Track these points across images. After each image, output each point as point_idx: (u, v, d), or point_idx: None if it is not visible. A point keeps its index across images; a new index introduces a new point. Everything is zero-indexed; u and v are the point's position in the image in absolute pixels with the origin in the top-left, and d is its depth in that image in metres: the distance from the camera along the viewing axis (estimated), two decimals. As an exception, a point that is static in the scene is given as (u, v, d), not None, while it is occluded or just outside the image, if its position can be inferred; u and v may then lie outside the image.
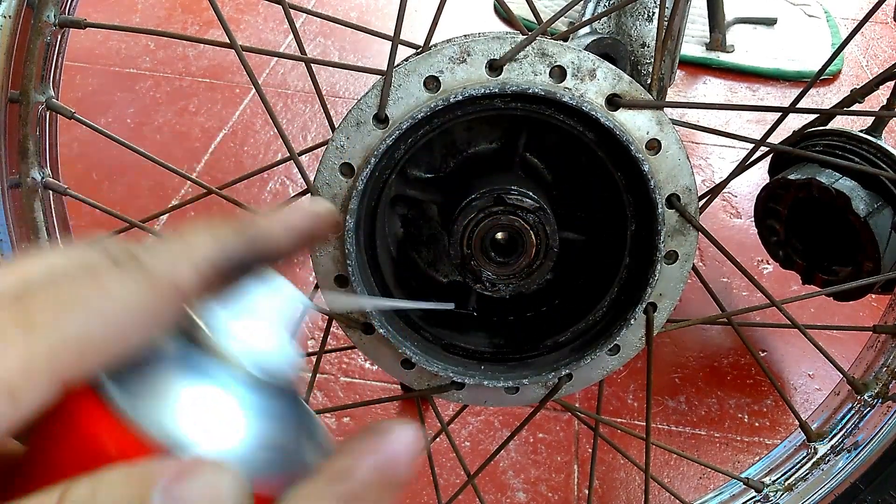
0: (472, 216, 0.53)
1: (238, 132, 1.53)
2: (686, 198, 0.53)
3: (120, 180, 1.39)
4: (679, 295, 0.56)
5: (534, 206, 0.52)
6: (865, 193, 0.94)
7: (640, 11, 0.65)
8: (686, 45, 1.85)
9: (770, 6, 2.07)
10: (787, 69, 1.83)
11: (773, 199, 1.05)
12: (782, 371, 1.15)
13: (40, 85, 0.57)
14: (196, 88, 1.65)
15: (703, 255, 1.31)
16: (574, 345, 0.59)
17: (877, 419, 0.64)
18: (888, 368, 0.64)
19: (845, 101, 0.57)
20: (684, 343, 1.17)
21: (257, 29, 1.88)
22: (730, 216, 1.42)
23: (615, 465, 1.00)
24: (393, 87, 0.50)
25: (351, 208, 0.52)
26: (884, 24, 2.06)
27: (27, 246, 0.60)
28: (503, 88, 0.49)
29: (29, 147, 0.58)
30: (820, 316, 1.21)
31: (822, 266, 1.04)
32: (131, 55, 1.73)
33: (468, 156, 0.59)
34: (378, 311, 0.55)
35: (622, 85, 0.51)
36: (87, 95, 1.60)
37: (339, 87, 1.69)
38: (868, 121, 1.03)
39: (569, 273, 0.61)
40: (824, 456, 0.67)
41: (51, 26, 0.56)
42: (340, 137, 0.52)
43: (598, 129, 0.52)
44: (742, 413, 1.08)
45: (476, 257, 0.54)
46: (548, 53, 0.50)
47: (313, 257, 0.55)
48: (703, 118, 1.66)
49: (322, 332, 1.12)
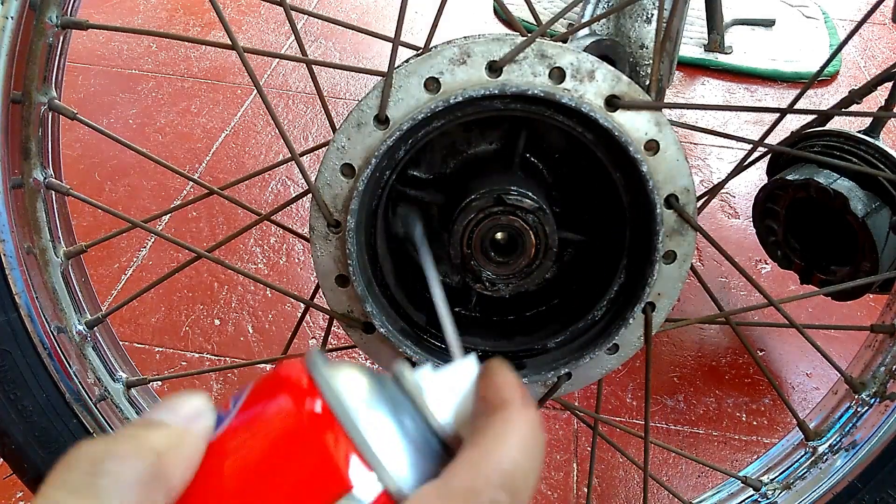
0: (472, 216, 0.53)
1: (239, 133, 1.53)
2: (684, 198, 0.53)
3: (122, 181, 1.39)
4: (677, 294, 0.57)
5: (533, 206, 0.53)
6: (863, 194, 0.94)
7: (639, 13, 0.65)
8: (684, 47, 1.85)
9: (768, 8, 2.07)
10: (785, 70, 1.84)
11: (772, 200, 1.05)
12: (780, 370, 1.15)
13: (42, 86, 0.58)
14: (198, 89, 1.65)
15: (702, 255, 1.31)
16: (573, 344, 0.59)
17: (875, 418, 0.64)
18: (886, 367, 0.65)
19: (843, 101, 0.57)
20: (683, 342, 1.17)
21: (259, 30, 1.88)
22: (728, 216, 1.42)
23: (614, 464, 1.01)
24: (393, 88, 0.51)
25: (352, 208, 0.52)
26: (882, 25, 2.07)
27: (29, 246, 0.60)
28: (503, 90, 0.50)
29: (31, 147, 0.59)
30: (818, 315, 1.22)
31: (820, 266, 1.04)
32: (133, 56, 1.74)
33: (468, 156, 0.59)
34: (378, 311, 0.55)
35: (621, 86, 0.51)
36: (89, 96, 1.61)
37: (340, 88, 1.69)
38: (866, 121, 1.03)
39: (568, 273, 0.62)
40: (822, 455, 0.67)
41: (53, 27, 0.56)
42: (341, 138, 0.52)
43: (597, 129, 0.52)
44: (740, 412, 1.08)
45: (476, 257, 0.54)
46: (547, 55, 0.50)
47: (314, 257, 0.55)
48: (701, 119, 1.67)
49: (323, 331, 1.13)
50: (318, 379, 0.29)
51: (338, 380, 0.29)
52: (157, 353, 1.11)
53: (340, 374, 0.29)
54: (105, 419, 0.66)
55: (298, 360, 0.30)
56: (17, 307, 0.59)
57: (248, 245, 1.28)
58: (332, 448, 0.27)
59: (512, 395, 0.30)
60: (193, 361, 1.09)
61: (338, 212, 0.54)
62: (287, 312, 1.18)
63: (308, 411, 0.28)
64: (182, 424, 0.28)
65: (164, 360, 1.10)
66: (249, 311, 1.17)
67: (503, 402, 0.29)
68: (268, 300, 1.19)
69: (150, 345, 1.11)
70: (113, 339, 0.69)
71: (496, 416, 0.29)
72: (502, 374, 0.31)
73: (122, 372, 0.69)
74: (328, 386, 0.28)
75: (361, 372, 0.30)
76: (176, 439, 0.28)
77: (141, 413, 0.69)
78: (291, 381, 0.29)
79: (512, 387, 0.30)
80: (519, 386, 0.30)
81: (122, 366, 0.69)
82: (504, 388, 0.30)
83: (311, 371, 0.29)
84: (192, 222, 1.32)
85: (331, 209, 0.53)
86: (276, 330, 1.15)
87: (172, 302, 1.18)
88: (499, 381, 0.30)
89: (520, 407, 0.29)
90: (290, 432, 0.27)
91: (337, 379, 0.29)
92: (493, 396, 0.30)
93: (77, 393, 0.64)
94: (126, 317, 1.15)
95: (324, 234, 0.54)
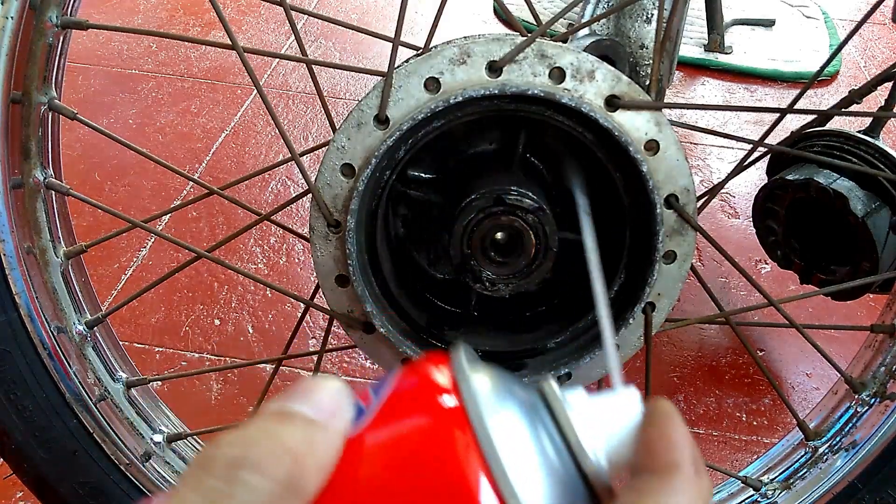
0: (472, 216, 0.53)
1: (239, 133, 1.53)
2: (684, 198, 0.53)
3: (122, 181, 1.39)
4: (677, 294, 0.57)
5: (533, 206, 0.53)
6: (863, 194, 0.94)
7: (639, 13, 0.65)
8: (684, 47, 1.85)
9: (768, 7, 2.07)
10: (785, 70, 1.83)
11: (772, 200, 1.05)
12: (780, 370, 1.15)
13: (42, 86, 0.58)
14: (198, 89, 1.65)
15: (702, 255, 1.31)
16: (573, 344, 0.59)
17: (875, 418, 0.64)
18: (886, 368, 0.65)
19: (843, 101, 0.57)
20: (683, 342, 1.17)
21: (259, 30, 1.88)
22: (728, 216, 1.42)
23: (614, 465, 1.01)
24: (393, 88, 0.51)
25: (352, 208, 0.52)
26: (882, 25, 2.07)
27: (29, 246, 0.60)
28: (503, 90, 0.50)
29: (31, 147, 0.58)
30: (818, 315, 1.22)
31: (820, 266, 1.04)
32: (133, 56, 1.74)
33: (468, 156, 0.59)
34: (379, 311, 0.55)
35: (621, 86, 0.51)
36: (89, 96, 1.61)
37: (340, 88, 1.69)
38: (866, 121, 1.03)
39: (568, 273, 0.61)
40: (822, 455, 0.67)
41: (53, 27, 0.56)
42: (341, 138, 0.52)
43: (597, 129, 0.52)
44: (740, 412, 1.08)
45: (476, 257, 0.54)
46: (547, 55, 0.50)
47: (314, 257, 0.55)
48: (701, 119, 1.66)
49: (323, 331, 1.13)
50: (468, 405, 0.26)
51: (484, 396, 0.27)
52: (158, 353, 1.11)
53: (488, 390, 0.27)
54: (105, 419, 0.66)
55: (445, 362, 0.28)
56: (16, 307, 0.59)
57: (248, 245, 1.28)
58: (469, 475, 0.25)
59: (683, 457, 0.26)
60: (193, 361, 1.09)
61: (338, 212, 0.54)
62: (287, 312, 1.17)
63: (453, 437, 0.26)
64: (321, 418, 0.27)
65: (164, 360, 1.10)
66: (249, 311, 1.17)
67: (672, 465, 0.26)
68: (268, 300, 1.19)
69: (150, 345, 1.11)
70: (113, 339, 0.69)
71: (662, 479, 0.26)
72: (674, 427, 0.27)
73: (122, 372, 0.69)
74: (477, 412, 0.26)
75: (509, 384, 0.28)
76: (314, 437, 0.26)
77: (140, 414, 0.69)
78: (436, 392, 0.27)
79: (684, 447, 0.27)
80: (691, 446, 0.27)
81: (122, 366, 0.69)
82: (676, 447, 0.27)
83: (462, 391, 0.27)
84: (192, 222, 1.32)
85: (331, 209, 0.53)
86: (276, 330, 1.15)
87: (172, 302, 1.18)
88: (671, 436, 0.27)
89: (691, 476, 0.26)
90: (428, 452, 0.26)
91: (484, 396, 0.27)
92: (661, 452, 0.27)
93: (77, 393, 0.64)
94: (126, 317, 1.15)
95: (324, 234, 0.54)
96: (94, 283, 0.68)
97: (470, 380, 0.27)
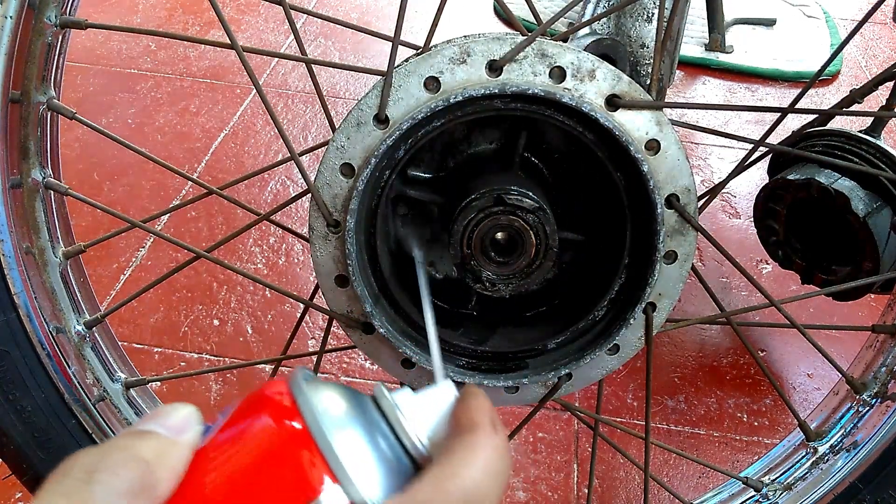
0: (473, 216, 0.53)
1: (239, 132, 1.53)
2: (685, 198, 0.53)
3: (121, 180, 1.39)
4: (678, 295, 0.57)
5: (533, 206, 0.53)
6: (864, 193, 0.94)
7: (640, 12, 0.65)
8: (685, 46, 1.85)
9: (769, 7, 2.07)
10: (786, 70, 1.83)
11: (773, 200, 1.05)
12: (781, 371, 1.15)
13: (41, 85, 0.58)
14: (197, 89, 1.65)
15: (703, 255, 1.31)
16: (574, 344, 0.59)
17: (876, 418, 0.64)
18: (887, 368, 0.64)
19: (844, 101, 0.57)
20: (683, 343, 1.17)
21: (258, 30, 1.88)
22: (729, 216, 1.42)
23: (615, 465, 1.01)
24: (393, 87, 0.51)
25: (351, 208, 0.52)
26: (883, 24, 2.07)
27: (28, 246, 0.60)
28: (503, 89, 0.50)
29: (30, 147, 0.58)
30: (819, 316, 1.22)
31: (821, 266, 1.04)
32: (132, 56, 1.73)
33: (468, 156, 0.59)
34: (378, 311, 0.55)
35: (621, 85, 0.51)
36: (88, 96, 1.61)
37: (340, 87, 1.69)
38: (867, 121, 1.03)
39: (568, 273, 0.61)
40: (823, 455, 0.67)
41: (52, 27, 0.56)
42: (341, 138, 0.52)
43: (597, 129, 0.52)
44: (741, 412, 1.08)
45: (476, 257, 0.54)
46: (547, 54, 0.50)
47: (314, 257, 0.55)
48: (702, 118, 1.66)
49: (322, 331, 1.12)
50: (299, 399, 0.31)
51: (318, 400, 0.31)
52: (156, 353, 1.10)
53: (321, 395, 0.32)
54: (104, 419, 0.66)
55: (284, 380, 0.33)
56: (15, 307, 0.59)
57: (247, 245, 1.28)
58: (305, 463, 0.29)
59: (482, 419, 0.32)
60: (192, 362, 1.09)
61: (337, 212, 0.53)
62: (286, 312, 1.17)
63: (287, 429, 0.30)
64: (170, 435, 0.31)
65: (163, 360, 1.09)
66: (249, 312, 1.17)
67: (473, 426, 0.31)
68: (267, 300, 1.19)
69: (149, 345, 1.11)
70: (112, 339, 0.69)
71: (464, 437, 0.31)
72: (476, 399, 0.33)
73: (121, 372, 0.68)
74: (308, 406, 0.31)
75: (343, 393, 0.32)
76: (164, 449, 0.30)
77: (140, 414, 0.69)
78: (275, 401, 0.31)
79: (483, 411, 0.32)
80: (490, 411, 0.32)
81: (120, 366, 0.69)
82: (475, 412, 0.32)
83: (294, 391, 0.31)
84: (192, 222, 1.31)
85: (330, 209, 0.53)
86: (275, 330, 1.15)
87: (171, 302, 1.18)
88: (471, 405, 0.32)
89: (488, 431, 0.31)
90: (268, 448, 0.30)
91: (317, 399, 0.31)
92: (464, 419, 0.32)
93: (76, 393, 0.64)
94: (125, 317, 1.14)
95: (323, 234, 0.54)
96: (92, 283, 0.67)
97: (301, 387, 0.31)
